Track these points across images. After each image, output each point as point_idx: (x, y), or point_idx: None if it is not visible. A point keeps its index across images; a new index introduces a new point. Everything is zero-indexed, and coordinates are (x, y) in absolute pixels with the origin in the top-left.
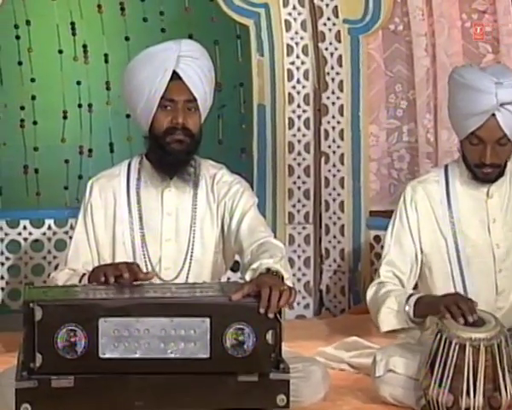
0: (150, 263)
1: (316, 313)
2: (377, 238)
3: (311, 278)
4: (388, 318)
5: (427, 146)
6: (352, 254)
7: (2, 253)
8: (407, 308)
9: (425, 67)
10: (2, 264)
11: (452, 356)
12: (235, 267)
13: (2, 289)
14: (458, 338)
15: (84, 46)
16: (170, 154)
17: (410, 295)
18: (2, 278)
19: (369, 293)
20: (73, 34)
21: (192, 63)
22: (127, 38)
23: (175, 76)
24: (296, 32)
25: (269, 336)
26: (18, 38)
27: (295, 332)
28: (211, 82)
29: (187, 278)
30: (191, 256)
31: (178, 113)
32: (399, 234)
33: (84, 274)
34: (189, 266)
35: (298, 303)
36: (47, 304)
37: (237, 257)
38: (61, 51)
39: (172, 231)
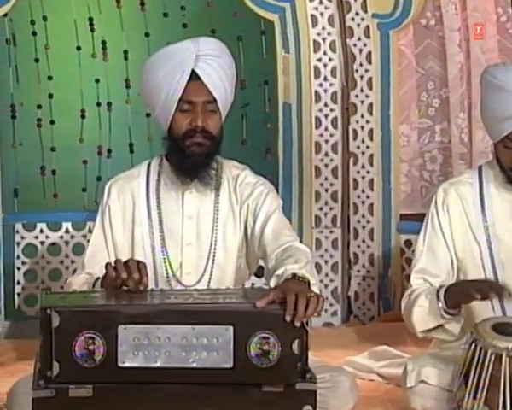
0: (171, 268)
1: (344, 321)
2: (408, 243)
3: (339, 285)
4: (422, 317)
5: (461, 146)
6: (381, 259)
7: (19, 257)
8: (440, 304)
9: (458, 63)
10: (19, 268)
11: (488, 367)
12: (260, 273)
13: (19, 294)
14: (494, 348)
15: (103, 42)
16: (189, 157)
17: (439, 289)
18: (19, 283)
19: (403, 304)
20: (92, 30)
21: (211, 62)
22: (147, 34)
23: (194, 76)
24: (323, 28)
25: (295, 345)
26: (34, 34)
27: (322, 341)
28: (232, 79)
29: (209, 283)
30: (213, 261)
31: (197, 115)
32: (432, 240)
33: (98, 278)
34: (211, 271)
35: (325, 310)
36: (65, 310)
37: (261, 262)
38: (78, 48)
39: (193, 234)
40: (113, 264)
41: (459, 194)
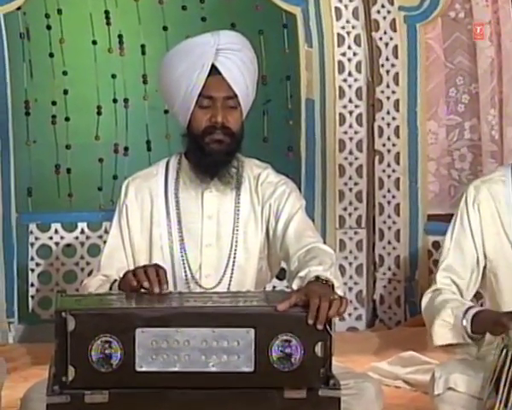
0: (190, 270)
1: (369, 326)
2: (436, 244)
3: (364, 288)
4: (443, 331)
5: (491, 144)
6: (408, 261)
7: (33, 258)
8: (464, 323)
9: (489, 57)
10: (33, 270)
11: None
12: (281, 275)
13: (32, 297)
14: None
15: (120, 37)
16: (209, 155)
17: (469, 309)
18: (33, 285)
19: (424, 300)
20: (108, 24)
21: (232, 56)
22: (165, 28)
23: (214, 70)
24: (347, 21)
25: (318, 348)
26: (49, 28)
27: (346, 346)
28: (253, 75)
29: (229, 285)
30: (233, 262)
31: (217, 111)
32: (460, 238)
33: (115, 280)
34: (232, 273)
35: (349, 314)
36: (80, 313)
37: (283, 264)
38: (94, 42)
39: (213, 235)
40: (131, 271)
41: (491, 192)
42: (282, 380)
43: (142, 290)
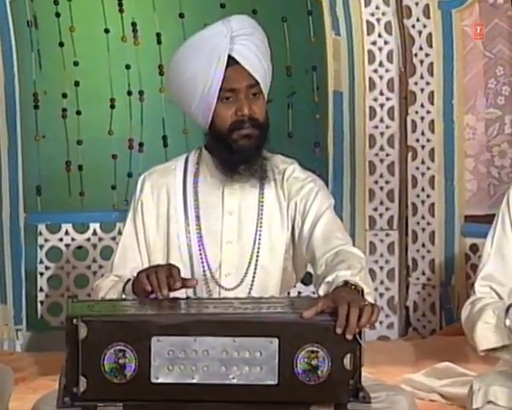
0: (209, 268)
1: (401, 334)
2: (474, 247)
3: (396, 293)
4: (486, 334)
5: None
6: (443, 265)
7: (42, 261)
8: (508, 322)
9: None
10: (42, 274)
11: None
12: (307, 280)
13: (42, 302)
14: None
15: (133, 24)
16: (239, 152)
17: (510, 306)
18: (42, 290)
19: (464, 313)
20: (121, 11)
21: (246, 41)
22: (182, 15)
23: (230, 61)
24: (377, 7)
25: (347, 360)
26: (58, 15)
27: (377, 356)
28: (267, 56)
29: (251, 286)
30: (256, 261)
31: (242, 103)
32: (501, 242)
33: (129, 280)
34: (254, 273)
35: (380, 322)
36: (93, 320)
37: (309, 268)
38: (107, 30)
39: (234, 231)
40: (144, 271)
41: None
42: (308, 394)
43: (153, 295)
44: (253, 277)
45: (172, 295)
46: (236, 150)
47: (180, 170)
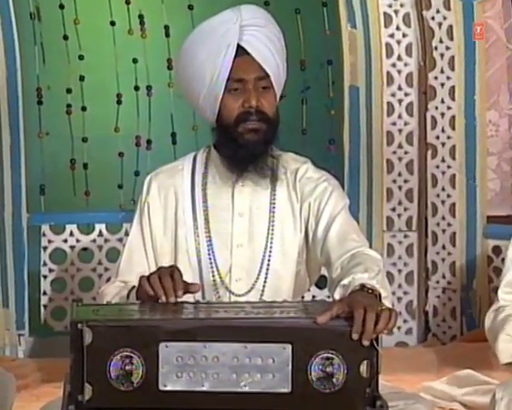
0: (219, 273)
1: (420, 340)
2: (496, 249)
3: (415, 298)
4: (508, 347)
5: None
6: (464, 268)
7: (45, 264)
8: None
9: None
10: (45, 277)
11: None
12: (322, 283)
13: (45, 306)
14: None
15: (141, 17)
16: (244, 146)
17: None
18: (45, 293)
19: (487, 321)
20: (127, 3)
21: (258, 33)
22: (191, 7)
23: (240, 51)
24: None
25: (363, 367)
26: (62, 7)
27: (395, 363)
28: (282, 53)
29: (262, 291)
30: (268, 265)
31: (250, 94)
32: None
33: (133, 287)
34: (266, 278)
35: (398, 328)
36: (98, 325)
37: (324, 271)
38: (113, 23)
39: (245, 234)
40: (146, 277)
41: None
42: (323, 402)
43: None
44: (265, 281)
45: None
46: (242, 145)
47: (188, 170)
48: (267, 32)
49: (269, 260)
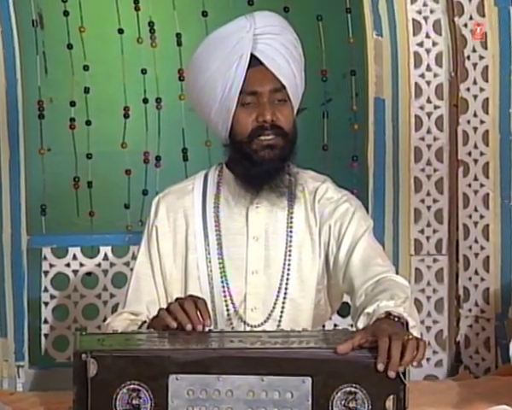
0: (232, 303)
1: (451, 373)
2: None
3: (445, 327)
4: None
5: None
6: (499, 295)
7: (46, 289)
8: None
9: None
10: (46, 304)
11: None
12: (344, 311)
13: (46, 335)
14: None
15: (151, 24)
16: (259, 164)
17: None
18: (46, 321)
19: None
20: (137, 9)
21: (272, 41)
22: (205, 14)
23: (254, 61)
24: (425, 4)
25: (389, 402)
26: (66, 14)
27: (424, 398)
28: (299, 62)
29: (279, 322)
30: (285, 294)
31: (265, 107)
32: None
33: (144, 322)
34: (283, 307)
35: (427, 359)
36: (104, 356)
37: (347, 298)
38: (121, 31)
39: (260, 260)
40: (165, 310)
41: None
42: None
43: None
44: (282, 311)
45: None
46: (256, 162)
47: (199, 190)
48: (283, 40)
49: (286, 288)
